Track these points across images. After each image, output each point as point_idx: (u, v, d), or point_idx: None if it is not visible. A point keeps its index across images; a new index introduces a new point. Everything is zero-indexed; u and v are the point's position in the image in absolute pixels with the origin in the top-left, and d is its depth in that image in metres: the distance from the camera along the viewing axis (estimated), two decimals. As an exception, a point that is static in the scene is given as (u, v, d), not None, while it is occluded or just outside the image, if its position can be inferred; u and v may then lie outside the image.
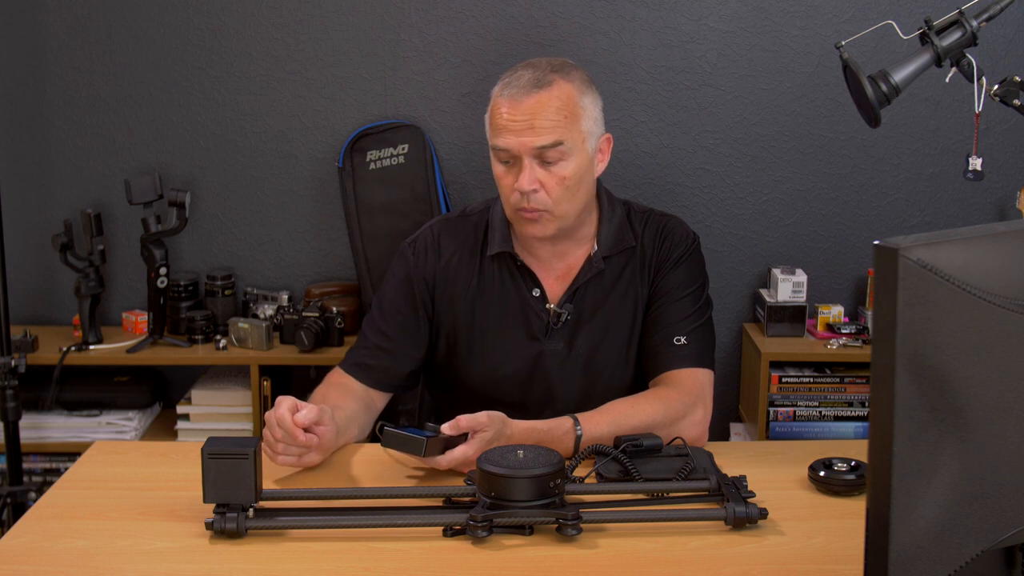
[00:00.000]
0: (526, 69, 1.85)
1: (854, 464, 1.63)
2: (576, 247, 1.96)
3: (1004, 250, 1.05)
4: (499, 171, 1.87)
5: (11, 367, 2.55)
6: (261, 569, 1.42)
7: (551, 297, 1.96)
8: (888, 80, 1.76)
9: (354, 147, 2.83)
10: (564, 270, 1.97)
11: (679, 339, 1.91)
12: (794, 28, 2.84)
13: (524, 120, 1.81)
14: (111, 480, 1.70)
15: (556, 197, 1.84)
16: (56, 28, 2.85)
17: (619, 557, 1.44)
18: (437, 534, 1.49)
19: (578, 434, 1.75)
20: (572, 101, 1.83)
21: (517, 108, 1.81)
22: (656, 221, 2.00)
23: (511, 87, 1.83)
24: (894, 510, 1.00)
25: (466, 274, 1.97)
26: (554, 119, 1.81)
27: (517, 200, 1.84)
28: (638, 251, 1.97)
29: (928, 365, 0.99)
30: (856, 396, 2.73)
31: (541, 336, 1.95)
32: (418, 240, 2.02)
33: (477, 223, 2.01)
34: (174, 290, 2.85)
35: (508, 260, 1.97)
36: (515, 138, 1.81)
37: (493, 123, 1.86)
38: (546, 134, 1.80)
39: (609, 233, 1.96)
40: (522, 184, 1.82)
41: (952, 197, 2.91)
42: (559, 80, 1.83)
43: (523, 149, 1.81)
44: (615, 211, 1.98)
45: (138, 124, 2.90)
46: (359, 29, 2.85)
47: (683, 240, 1.98)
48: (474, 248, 1.99)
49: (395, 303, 1.99)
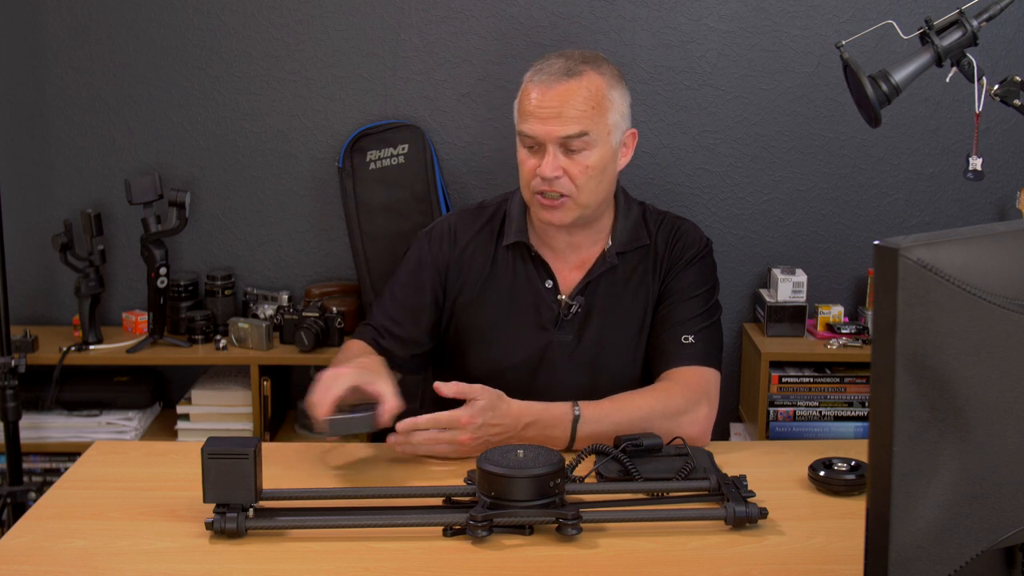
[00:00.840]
0: (559, 58, 1.88)
1: (854, 464, 1.63)
2: (591, 241, 1.98)
3: (1004, 250, 1.05)
4: (522, 155, 1.90)
5: (11, 367, 2.55)
6: (261, 569, 1.42)
7: (563, 289, 1.98)
8: (888, 80, 1.76)
9: (354, 147, 2.83)
10: (578, 263, 1.98)
11: (687, 338, 1.92)
12: (794, 28, 2.84)
13: (552, 108, 1.83)
14: (111, 480, 1.70)
15: (580, 184, 1.86)
16: (56, 28, 2.85)
17: (619, 557, 1.44)
18: (437, 534, 1.49)
19: (576, 414, 1.76)
20: (600, 93, 1.86)
21: (546, 95, 1.84)
22: (671, 223, 2.03)
23: (542, 73, 1.86)
24: (894, 510, 1.00)
25: (480, 262, 2.00)
26: (581, 109, 1.83)
27: (537, 184, 1.87)
28: (652, 251, 1.99)
29: (928, 365, 0.99)
30: (856, 396, 2.73)
31: (551, 326, 1.97)
32: (434, 229, 2.05)
33: (494, 214, 2.04)
34: (174, 290, 2.85)
35: (523, 250, 1.99)
36: (541, 125, 1.84)
37: (521, 108, 1.89)
38: (572, 123, 1.83)
39: (624, 230, 1.98)
40: (544, 170, 1.84)
41: (952, 197, 2.91)
42: (589, 71, 1.86)
43: (548, 137, 1.84)
44: (631, 209, 2.01)
45: (138, 124, 2.90)
46: (359, 29, 2.85)
47: (696, 242, 2.00)
48: (490, 237, 2.02)
49: (405, 288, 2.02)
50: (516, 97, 1.93)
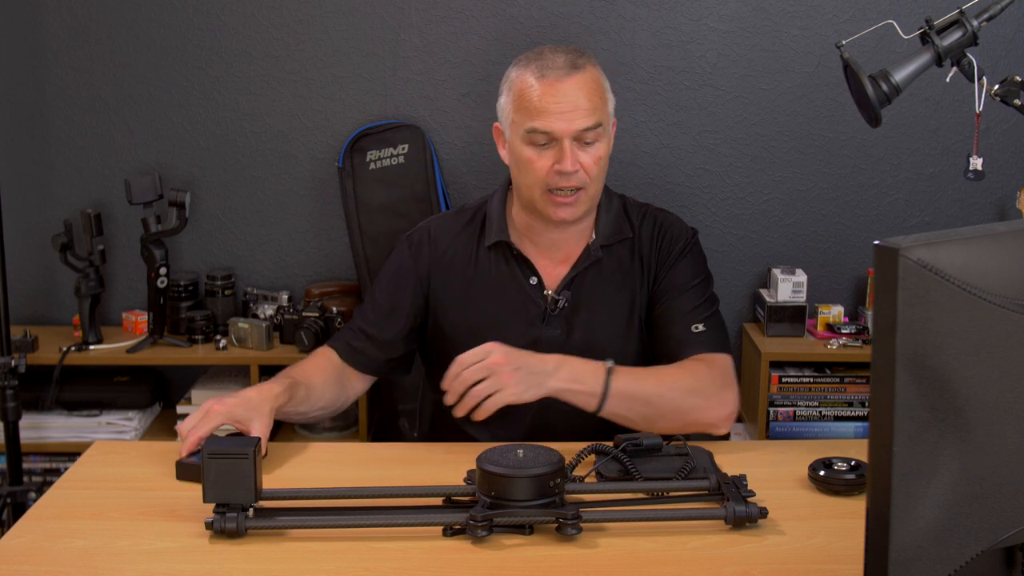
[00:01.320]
0: (554, 53, 1.89)
1: (854, 464, 1.63)
2: (574, 235, 1.98)
3: (1004, 250, 1.05)
4: (530, 154, 1.88)
5: (11, 367, 2.55)
6: (261, 569, 1.42)
7: (549, 284, 1.98)
8: (889, 80, 1.76)
9: (354, 147, 2.83)
10: (563, 258, 1.99)
11: (697, 327, 1.93)
12: (794, 28, 2.84)
13: (567, 102, 1.84)
14: (111, 480, 1.71)
15: (593, 176, 1.88)
16: (56, 28, 2.85)
17: (619, 557, 1.44)
18: (437, 534, 1.49)
19: (608, 367, 1.78)
20: (602, 84, 1.91)
21: (558, 90, 1.84)
22: (653, 216, 2.03)
23: (548, 69, 1.86)
24: (894, 510, 1.00)
25: (462, 265, 2.00)
26: (593, 101, 1.86)
27: (555, 181, 1.87)
28: (635, 243, 1.99)
29: (928, 365, 0.99)
30: (856, 396, 2.73)
31: (538, 322, 1.97)
32: (414, 234, 2.06)
33: (474, 216, 2.04)
34: (174, 290, 2.85)
35: (505, 249, 1.99)
36: (558, 120, 1.84)
37: (525, 105, 1.87)
38: (588, 116, 1.85)
39: (608, 223, 1.99)
40: (566, 166, 1.84)
41: (952, 197, 2.91)
42: (589, 64, 1.89)
43: (566, 131, 1.84)
44: (612, 202, 2.02)
45: (138, 124, 2.90)
46: (359, 29, 2.85)
47: (682, 235, 2.01)
48: (471, 239, 2.02)
49: (384, 292, 2.04)
50: (503, 96, 1.92)
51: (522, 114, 1.88)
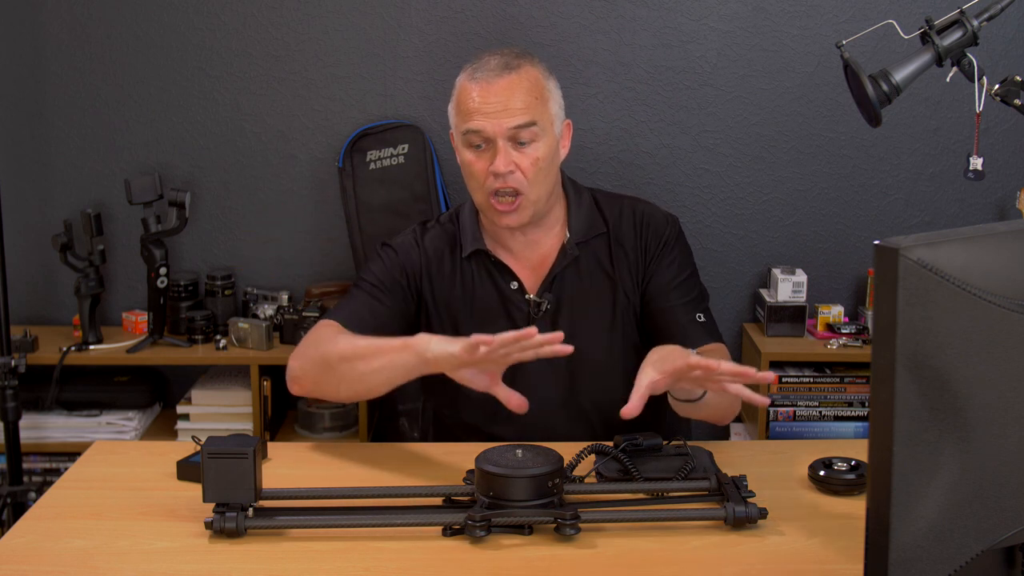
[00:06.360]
0: (492, 56, 1.89)
1: (854, 464, 1.63)
2: (547, 236, 1.97)
3: (1004, 250, 1.05)
4: (469, 158, 1.88)
5: (11, 367, 2.55)
6: (261, 569, 1.42)
7: (529, 288, 1.97)
8: (889, 79, 1.76)
9: (354, 147, 2.83)
10: (539, 260, 1.97)
11: (700, 316, 1.94)
12: (794, 28, 2.84)
13: (498, 102, 1.84)
14: (111, 480, 1.71)
15: (531, 178, 1.86)
16: (56, 28, 2.85)
17: (619, 557, 1.44)
18: (436, 534, 1.49)
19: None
20: (540, 84, 1.88)
21: (489, 90, 1.84)
22: (631, 208, 2.01)
23: (481, 71, 1.87)
24: (894, 510, 1.00)
25: (447, 281, 1.98)
26: (526, 100, 1.85)
27: (491, 184, 1.85)
28: (612, 236, 1.98)
29: (928, 365, 0.99)
30: (856, 396, 2.73)
31: (524, 326, 1.95)
32: (397, 239, 2.02)
33: (448, 228, 2.02)
34: (174, 290, 2.85)
35: (483, 258, 1.98)
36: (489, 120, 1.84)
37: (462, 108, 1.88)
38: (520, 114, 1.84)
39: (580, 219, 1.98)
40: (498, 166, 1.83)
41: (952, 197, 2.91)
42: (526, 64, 1.88)
43: (498, 130, 1.83)
44: (582, 197, 2.01)
45: (138, 124, 2.90)
46: (359, 29, 2.85)
47: (664, 225, 1.99)
48: (450, 252, 1.99)
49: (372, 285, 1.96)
50: (450, 102, 1.92)
51: (460, 117, 1.89)
